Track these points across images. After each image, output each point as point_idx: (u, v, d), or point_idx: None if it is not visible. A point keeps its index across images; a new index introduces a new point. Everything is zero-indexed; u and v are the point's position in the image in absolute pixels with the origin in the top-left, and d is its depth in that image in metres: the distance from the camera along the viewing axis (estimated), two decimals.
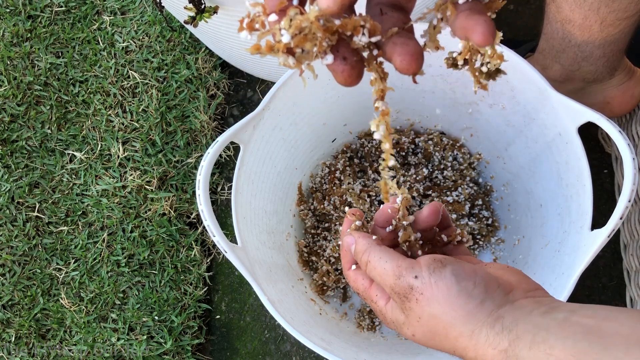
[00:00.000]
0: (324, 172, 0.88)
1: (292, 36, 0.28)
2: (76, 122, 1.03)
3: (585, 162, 0.63)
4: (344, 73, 0.30)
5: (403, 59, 0.29)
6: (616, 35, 0.68)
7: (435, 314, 0.36)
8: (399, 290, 0.37)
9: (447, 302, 0.35)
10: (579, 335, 0.32)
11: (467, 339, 0.35)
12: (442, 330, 0.36)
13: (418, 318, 0.37)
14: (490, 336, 0.34)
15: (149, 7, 1.07)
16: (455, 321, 0.35)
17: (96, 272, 0.95)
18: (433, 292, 0.36)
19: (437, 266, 0.37)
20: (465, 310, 0.35)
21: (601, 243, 0.57)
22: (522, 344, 0.33)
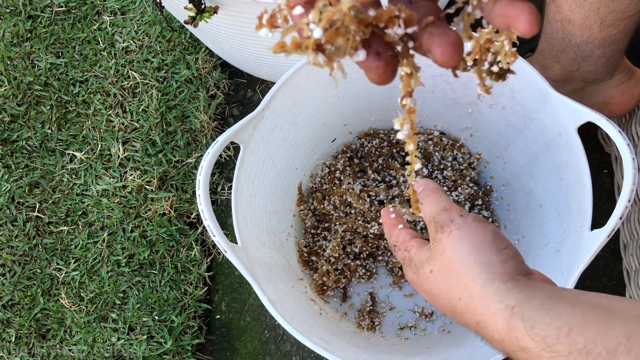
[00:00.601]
0: (324, 172, 0.88)
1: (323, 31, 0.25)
2: (76, 122, 1.03)
3: (585, 162, 0.63)
4: (379, 70, 0.27)
5: (444, 51, 0.27)
6: (616, 36, 0.68)
7: (460, 252, 0.37)
8: (439, 219, 0.39)
9: (476, 245, 0.37)
10: (589, 306, 0.32)
11: (478, 286, 0.36)
12: (458, 272, 0.37)
13: (442, 251, 0.38)
14: (501, 290, 0.35)
15: (149, 7, 1.07)
16: (474, 265, 0.36)
17: (96, 272, 0.95)
18: (468, 233, 0.37)
19: (481, 219, 0.39)
20: (488, 259, 0.36)
21: (601, 243, 0.57)
22: (531, 306, 0.33)
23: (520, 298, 0.33)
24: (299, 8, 0.26)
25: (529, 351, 0.32)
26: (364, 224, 0.83)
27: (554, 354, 0.31)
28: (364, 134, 0.89)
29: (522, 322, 0.32)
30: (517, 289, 0.34)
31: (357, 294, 0.85)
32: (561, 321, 0.31)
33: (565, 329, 0.31)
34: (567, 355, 0.31)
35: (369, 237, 0.83)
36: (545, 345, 0.31)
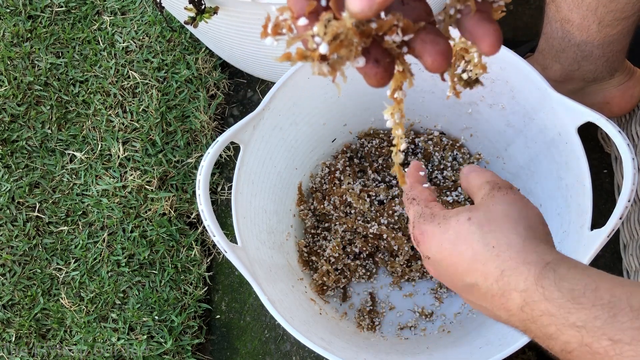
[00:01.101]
0: (324, 172, 0.88)
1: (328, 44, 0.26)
2: (76, 122, 1.03)
3: (584, 162, 0.63)
4: (377, 76, 0.29)
5: (435, 59, 0.29)
6: (615, 36, 0.68)
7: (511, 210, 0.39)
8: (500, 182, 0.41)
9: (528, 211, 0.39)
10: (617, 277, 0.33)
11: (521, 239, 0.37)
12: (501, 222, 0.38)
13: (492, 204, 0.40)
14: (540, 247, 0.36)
15: (149, 7, 1.07)
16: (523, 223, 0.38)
17: (96, 272, 0.95)
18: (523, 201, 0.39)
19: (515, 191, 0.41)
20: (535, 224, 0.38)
21: (601, 243, 0.57)
22: (564, 264, 0.34)
23: (557, 257, 0.35)
24: (303, 19, 0.27)
25: (553, 301, 0.33)
26: (364, 224, 0.83)
27: (578, 305, 0.32)
28: (364, 134, 0.89)
29: (553, 273, 0.34)
30: (556, 252, 0.36)
31: (357, 294, 0.85)
32: (591, 279, 0.33)
33: (593, 285, 0.32)
34: (590, 307, 0.31)
35: (369, 237, 0.83)
36: (571, 297, 0.32)
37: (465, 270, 0.38)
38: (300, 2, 0.27)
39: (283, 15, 0.27)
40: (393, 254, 0.84)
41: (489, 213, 0.39)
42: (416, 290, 0.84)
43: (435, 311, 0.83)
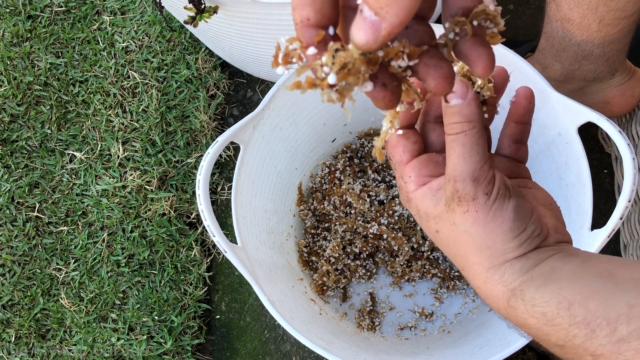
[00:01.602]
0: (324, 172, 0.88)
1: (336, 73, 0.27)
2: (76, 122, 1.03)
3: (585, 162, 0.63)
4: (385, 99, 0.30)
5: (438, 83, 0.29)
6: (615, 35, 0.68)
7: (472, 234, 0.35)
8: (461, 189, 0.34)
9: (493, 232, 0.34)
10: (592, 277, 0.31)
11: (484, 269, 0.35)
12: (466, 249, 0.35)
13: (453, 223, 0.35)
14: (506, 274, 0.34)
15: (149, 7, 1.07)
16: (486, 250, 0.34)
17: (96, 272, 0.95)
18: (486, 218, 0.34)
19: (504, 194, 0.35)
20: (503, 246, 0.34)
21: (601, 243, 0.57)
22: (533, 284, 0.33)
23: (524, 279, 0.33)
24: (312, 49, 0.28)
25: (530, 327, 0.33)
26: (364, 224, 0.83)
27: (554, 327, 0.31)
28: (364, 134, 0.89)
29: (522, 301, 0.33)
30: (523, 270, 0.34)
31: (357, 294, 0.85)
32: (562, 296, 0.31)
33: (565, 303, 0.31)
34: (567, 327, 0.31)
35: (369, 237, 0.83)
36: (546, 321, 0.32)
37: None
38: (309, 32, 0.28)
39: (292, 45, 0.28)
40: (393, 254, 0.84)
41: (452, 234, 0.36)
42: (416, 290, 0.84)
43: (435, 311, 0.83)
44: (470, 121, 0.34)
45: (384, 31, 0.26)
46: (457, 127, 0.34)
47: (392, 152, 0.38)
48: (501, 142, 0.42)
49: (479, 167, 0.34)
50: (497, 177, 0.35)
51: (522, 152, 0.42)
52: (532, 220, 0.35)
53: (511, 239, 0.34)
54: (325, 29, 0.28)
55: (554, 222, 0.37)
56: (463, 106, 0.34)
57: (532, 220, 0.35)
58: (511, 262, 0.34)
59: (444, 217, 0.36)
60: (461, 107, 0.34)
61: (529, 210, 0.35)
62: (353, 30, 0.27)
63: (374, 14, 0.26)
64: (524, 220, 0.35)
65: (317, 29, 0.28)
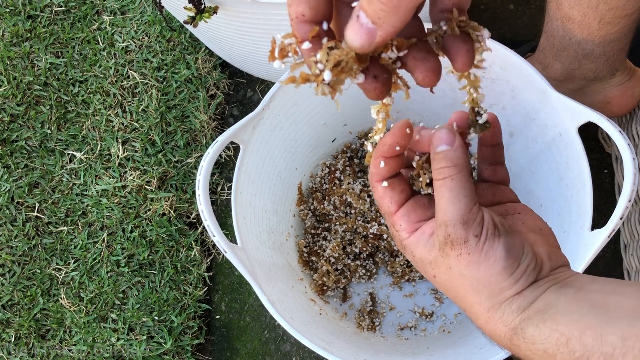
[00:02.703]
0: (324, 172, 0.87)
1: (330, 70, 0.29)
2: (76, 122, 1.03)
3: (585, 162, 0.63)
4: (376, 90, 0.31)
5: (425, 76, 0.31)
6: (616, 34, 0.68)
7: (467, 276, 0.35)
8: (453, 234, 0.35)
9: (487, 273, 0.35)
10: (584, 310, 0.32)
11: (484, 310, 0.35)
12: (464, 291, 0.36)
13: (448, 267, 0.36)
14: (506, 314, 0.35)
15: (148, 7, 1.07)
16: (483, 291, 0.35)
17: (96, 272, 0.95)
18: (479, 259, 0.35)
19: (494, 234, 0.35)
20: (499, 286, 0.35)
21: (601, 243, 0.57)
22: (532, 322, 0.33)
23: (523, 317, 0.34)
24: (307, 44, 0.30)
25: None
26: (364, 224, 0.82)
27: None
28: (364, 134, 0.89)
29: (523, 340, 0.34)
30: (521, 308, 0.34)
31: (357, 294, 0.85)
32: (559, 333, 0.32)
33: (563, 339, 0.32)
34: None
35: (369, 237, 0.83)
36: (547, 357, 0.33)
37: None
38: (303, 27, 0.30)
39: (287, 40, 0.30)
40: (393, 254, 0.84)
41: (448, 278, 0.36)
42: (416, 290, 0.84)
43: (436, 311, 0.83)
44: (456, 165, 0.35)
45: (379, 38, 0.28)
46: (444, 172, 0.35)
47: (380, 203, 0.39)
48: (480, 168, 0.43)
49: (468, 210, 0.35)
50: (485, 217, 0.36)
51: (501, 174, 0.43)
52: (525, 255, 0.36)
53: (506, 277, 0.35)
54: (320, 25, 0.30)
55: (546, 249, 0.37)
56: (449, 151, 0.35)
57: (524, 256, 0.36)
58: (509, 301, 0.35)
59: (440, 262, 0.36)
60: (447, 152, 0.35)
61: (520, 245, 0.36)
62: (349, 33, 0.28)
63: (371, 22, 0.28)
64: (517, 257, 0.35)
65: (312, 24, 0.30)
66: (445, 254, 0.36)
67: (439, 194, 0.35)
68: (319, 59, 0.29)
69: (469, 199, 0.35)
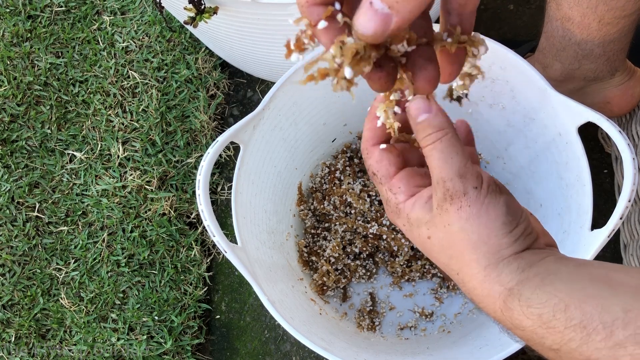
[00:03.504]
0: (324, 172, 0.88)
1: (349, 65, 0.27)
2: (76, 122, 1.03)
3: (585, 162, 0.63)
4: (381, 80, 0.30)
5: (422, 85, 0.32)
6: (615, 34, 0.68)
7: (467, 230, 0.35)
8: (450, 186, 0.34)
9: (487, 227, 0.34)
10: (586, 282, 0.31)
11: (481, 268, 0.34)
12: (462, 248, 0.35)
13: (447, 224, 0.35)
14: (503, 273, 0.34)
15: (149, 7, 1.07)
16: (481, 247, 0.34)
17: (96, 272, 0.95)
18: (480, 212, 0.34)
19: (495, 190, 0.35)
20: (497, 242, 0.34)
21: (601, 243, 0.57)
22: (529, 284, 0.33)
23: (521, 278, 0.33)
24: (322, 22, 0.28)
25: (525, 329, 0.32)
26: (364, 224, 0.83)
27: (550, 330, 0.31)
28: None
29: (518, 302, 0.33)
30: (520, 269, 0.34)
31: (357, 294, 0.85)
32: (558, 298, 0.31)
33: (561, 305, 0.31)
34: (563, 330, 0.31)
35: (369, 237, 0.83)
36: (541, 323, 0.32)
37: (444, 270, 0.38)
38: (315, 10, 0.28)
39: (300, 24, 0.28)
40: (393, 254, 0.84)
41: (445, 235, 0.36)
42: (416, 290, 0.84)
43: (436, 311, 0.83)
44: (442, 129, 0.35)
45: (395, 24, 0.26)
46: (430, 138, 0.35)
47: (378, 167, 0.38)
48: None
49: (463, 164, 0.35)
50: (485, 175, 0.36)
51: None
52: (523, 218, 0.35)
53: (506, 233, 0.34)
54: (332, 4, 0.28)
55: (540, 227, 0.38)
56: (430, 118, 0.35)
57: (523, 218, 0.35)
58: (508, 260, 0.34)
59: (437, 221, 0.36)
60: (429, 119, 0.35)
61: (519, 208, 0.36)
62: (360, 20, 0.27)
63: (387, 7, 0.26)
64: (516, 216, 0.35)
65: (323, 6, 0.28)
66: (445, 210, 0.35)
67: (431, 157, 0.35)
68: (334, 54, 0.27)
69: (461, 155, 0.35)
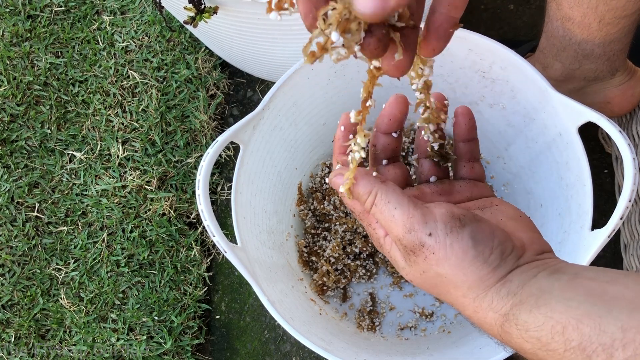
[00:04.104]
0: (324, 172, 0.87)
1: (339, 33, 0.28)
2: (76, 122, 1.03)
3: (585, 162, 0.63)
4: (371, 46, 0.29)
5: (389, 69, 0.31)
6: (616, 35, 0.68)
7: (443, 274, 0.34)
8: (407, 243, 0.34)
9: (460, 266, 0.34)
10: (581, 297, 0.31)
11: (470, 300, 0.34)
12: (445, 287, 0.35)
13: (422, 272, 0.35)
14: (495, 300, 0.33)
15: (148, 7, 1.07)
16: (463, 284, 0.34)
17: (96, 272, 0.95)
18: (446, 254, 0.34)
19: (455, 225, 0.34)
20: (476, 276, 0.34)
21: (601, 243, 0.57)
22: (524, 307, 0.32)
23: (515, 302, 0.33)
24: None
25: (526, 351, 0.32)
26: None
27: (550, 352, 0.31)
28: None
29: (515, 327, 0.32)
30: (512, 293, 0.33)
31: (357, 294, 0.85)
32: (555, 320, 0.31)
33: (559, 327, 0.30)
34: (563, 353, 0.30)
35: (369, 237, 0.83)
36: (541, 345, 0.31)
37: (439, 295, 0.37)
38: None
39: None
40: None
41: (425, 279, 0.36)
42: (416, 290, 0.84)
43: (436, 311, 0.83)
44: (369, 191, 0.36)
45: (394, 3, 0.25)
46: (367, 204, 0.36)
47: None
48: (457, 166, 0.43)
49: (407, 217, 0.34)
50: (438, 212, 0.35)
51: (478, 170, 0.43)
52: (497, 242, 0.34)
53: (481, 266, 0.34)
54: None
55: (528, 235, 0.37)
56: (355, 188, 0.37)
57: (496, 242, 0.34)
58: (496, 288, 0.34)
59: (412, 270, 0.36)
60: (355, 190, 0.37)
61: (489, 232, 0.35)
62: None
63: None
64: (487, 243, 0.34)
65: None
66: (413, 262, 0.35)
67: (378, 221, 0.36)
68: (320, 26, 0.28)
69: (401, 207, 0.35)
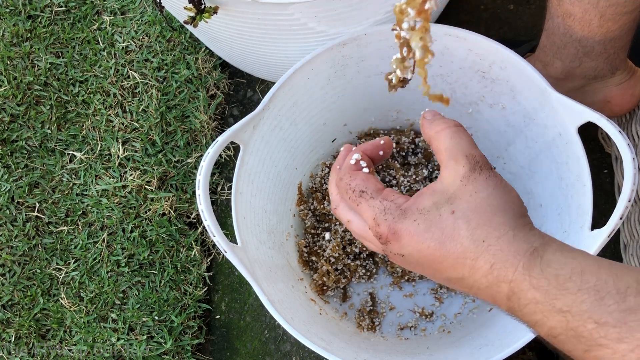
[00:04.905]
0: (324, 172, 0.88)
1: None
2: (76, 122, 1.03)
3: (585, 162, 0.63)
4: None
5: None
6: (616, 32, 0.68)
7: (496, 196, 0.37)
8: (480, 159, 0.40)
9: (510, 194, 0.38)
10: (602, 259, 0.34)
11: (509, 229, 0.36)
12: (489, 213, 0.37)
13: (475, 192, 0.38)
14: (530, 234, 0.36)
15: (149, 7, 1.07)
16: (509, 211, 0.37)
17: (96, 272, 0.95)
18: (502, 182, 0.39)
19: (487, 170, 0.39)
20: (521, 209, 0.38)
21: (601, 243, 0.57)
22: (550, 249, 0.35)
23: (545, 241, 0.36)
24: None
25: (540, 288, 0.33)
26: None
27: (564, 291, 0.32)
28: (364, 134, 0.89)
29: (540, 260, 0.34)
30: (541, 236, 0.36)
31: (357, 294, 0.85)
32: (577, 262, 0.33)
33: (579, 268, 0.33)
34: (576, 292, 0.32)
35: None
36: (557, 283, 0.33)
37: (450, 266, 0.37)
38: None
39: None
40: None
41: (473, 203, 0.37)
42: (416, 290, 0.84)
43: (436, 311, 0.83)
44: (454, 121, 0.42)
45: None
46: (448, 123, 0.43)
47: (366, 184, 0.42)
48: None
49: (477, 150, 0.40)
50: None
51: None
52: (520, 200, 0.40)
53: (522, 205, 0.38)
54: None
55: None
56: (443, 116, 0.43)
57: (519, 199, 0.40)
58: (531, 226, 0.37)
59: (463, 191, 0.38)
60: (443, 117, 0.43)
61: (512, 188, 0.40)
62: None
63: None
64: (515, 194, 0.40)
65: None
66: (473, 180, 0.38)
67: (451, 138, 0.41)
68: None
69: None
